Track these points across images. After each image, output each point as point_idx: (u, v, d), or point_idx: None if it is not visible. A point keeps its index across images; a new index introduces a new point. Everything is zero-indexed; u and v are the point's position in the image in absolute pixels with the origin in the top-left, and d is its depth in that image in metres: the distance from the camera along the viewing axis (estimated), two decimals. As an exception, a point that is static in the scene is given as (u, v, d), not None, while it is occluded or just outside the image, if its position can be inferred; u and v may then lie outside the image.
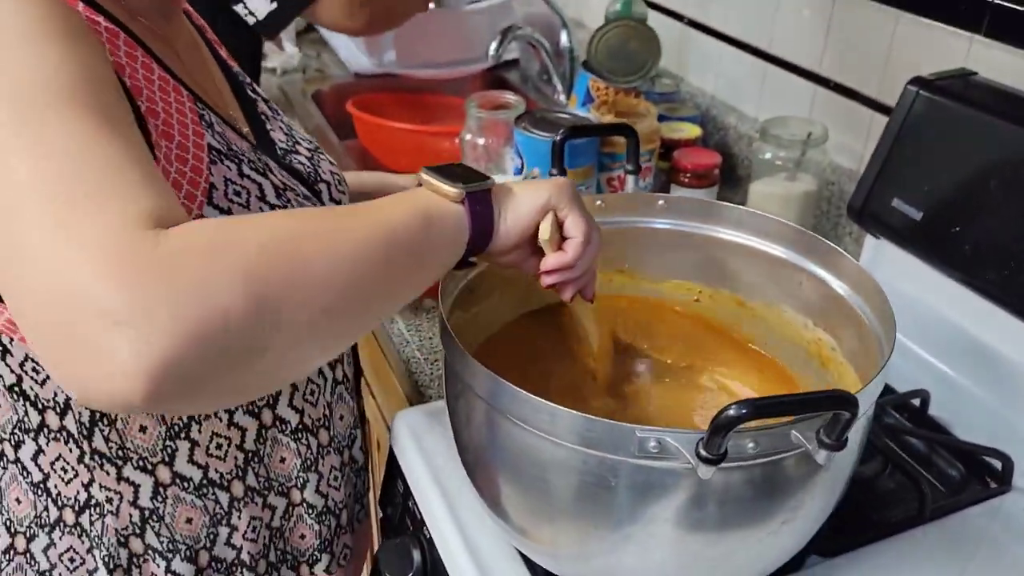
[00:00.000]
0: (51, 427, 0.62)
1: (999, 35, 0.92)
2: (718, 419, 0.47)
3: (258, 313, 0.41)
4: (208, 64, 0.72)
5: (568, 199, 0.61)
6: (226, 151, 0.61)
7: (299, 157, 0.74)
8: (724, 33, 1.35)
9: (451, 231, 0.56)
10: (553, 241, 0.61)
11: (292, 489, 0.72)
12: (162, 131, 0.56)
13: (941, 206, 0.87)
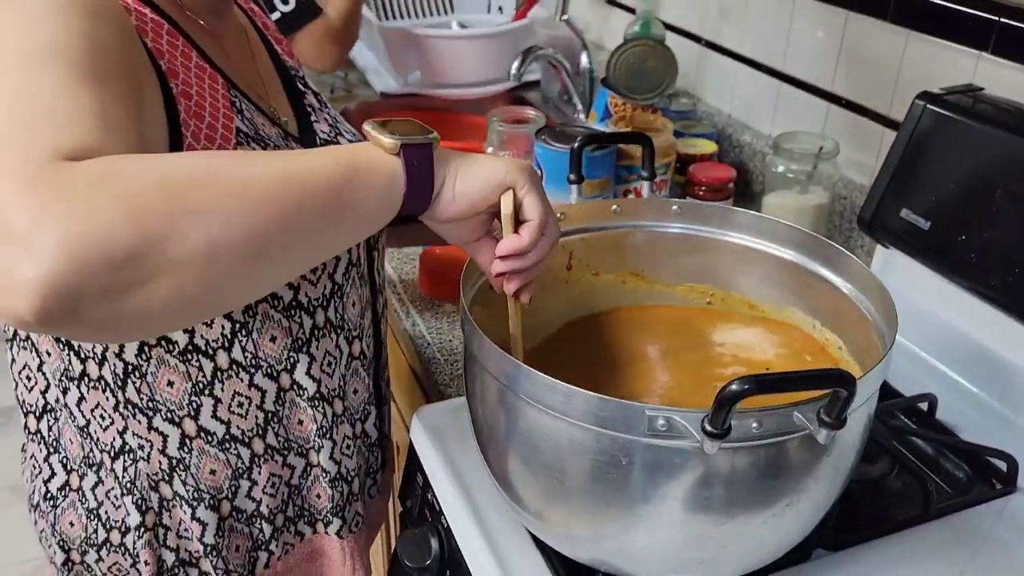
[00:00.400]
0: (91, 376, 0.67)
1: (1006, 52, 0.95)
2: (722, 394, 0.50)
3: (144, 243, 0.42)
4: (257, 56, 0.77)
5: (528, 179, 0.59)
6: (253, 135, 0.65)
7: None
8: (739, 54, 1.38)
9: (382, 184, 0.54)
10: (512, 222, 0.59)
11: (310, 451, 0.76)
12: (193, 111, 0.60)
13: (948, 216, 0.90)
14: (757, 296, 0.82)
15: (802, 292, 0.78)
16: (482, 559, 0.72)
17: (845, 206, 1.16)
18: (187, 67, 0.62)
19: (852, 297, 0.73)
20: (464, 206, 0.58)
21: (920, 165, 0.93)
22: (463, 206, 0.58)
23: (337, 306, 0.73)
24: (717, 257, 0.82)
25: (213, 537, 0.72)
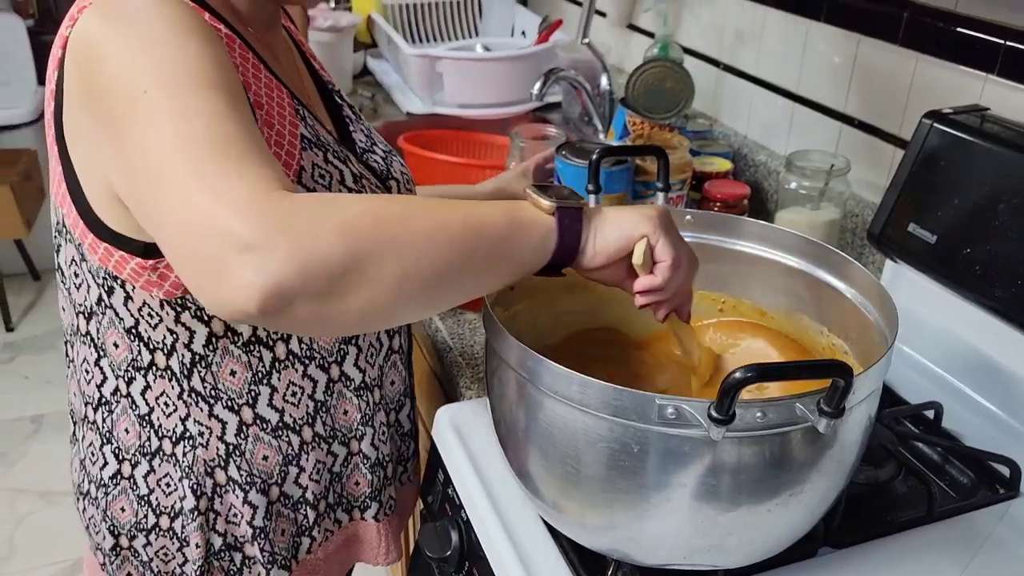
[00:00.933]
0: (159, 366, 0.72)
1: (1011, 74, 0.99)
2: (726, 381, 0.53)
3: (351, 262, 0.51)
4: (301, 71, 0.83)
5: (658, 226, 0.66)
6: (315, 140, 0.73)
7: (375, 156, 0.84)
8: (755, 76, 1.43)
9: (537, 238, 0.62)
10: (646, 265, 0.66)
11: (352, 440, 0.81)
12: (265, 120, 0.67)
13: (954, 230, 0.93)
14: (767, 303, 0.85)
15: (810, 299, 0.82)
16: (500, 549, 0.76)
17: (856, 223, 1.19)
18: (258, 79, 0.69)
19: (857, 302, 0.76)
20: (604, 259, 0.65)
21: (927, 181, 0.97)
22: (603, 259, 0.65)
23: None
24: (729, 266, 0.86)
25: (262, 520, 0.77)
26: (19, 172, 2.72)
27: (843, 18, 1.22)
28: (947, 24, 1.05)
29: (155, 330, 0.70)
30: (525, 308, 0.83)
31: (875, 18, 1.16)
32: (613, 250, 0.65)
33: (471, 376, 1.01)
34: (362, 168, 0.79)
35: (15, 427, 2.47)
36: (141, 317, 0.70)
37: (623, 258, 0.66)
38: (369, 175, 0.79)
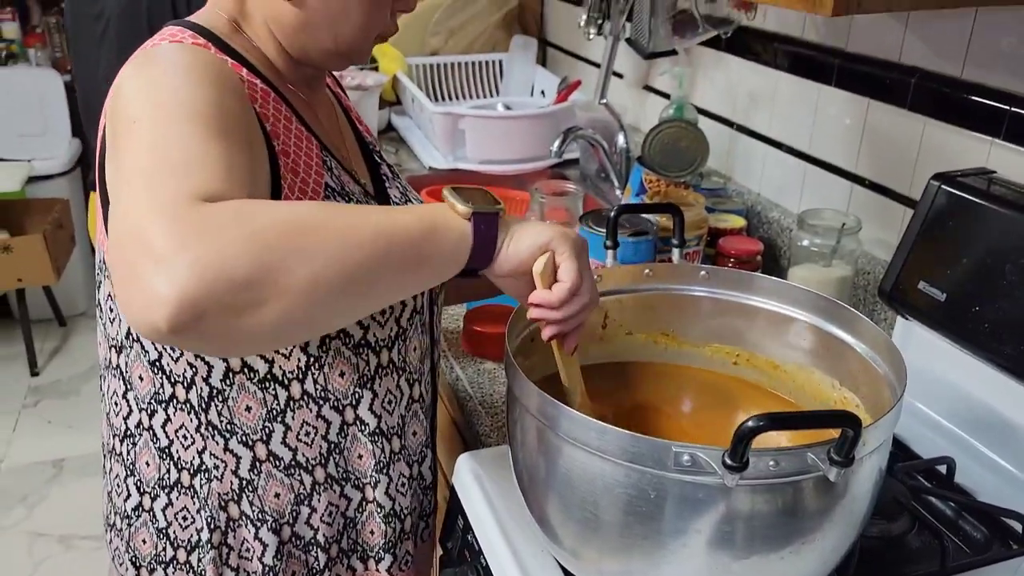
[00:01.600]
0: (179, 399, 0.75)
1: (1017, 139, 1.02)
2: (739, 429, 0.56)
3: (260, 272, 0.52)
4: (343, 129, 0.88)
5: (568, 247, 0.67)
6: (339, 190, 0.77)
7: None
8: (768, 136, 1.47)
9: (452, 242, 0.64)
10: (545, 279, 0.68)
11: (366, 486, 0.83)
12: (290, 167, 0.72)
13: (962, 288, 0.96)
14: (780, 357, 0.88)
15: (821, 353, 0.84)
16: (518, 595, 0.77)
17: (868, 280, 1.22)
18: (288, 130, 0.74)
19: (867, 357, 0.79)
20: (515, 263, 0.67)
21: (935, 240, 1.00)
22: (514, 263, 0.67)
23: (400, 348, 0.81)
24: (742, 320, 0.89)
25: (272, 559, 0.78)
26: (51, 221, 2.80)
27: (852, 83, 1.26)
28: (953, 90, 1.09)
29: (176, 363, 0.74)
30: (543, 359, 0.86)
31: (883, 83, 1.20)
32: (525, 255, 0.67)
33: (491, 424, 1.03)
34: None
35: (36, 471, 2.50)
36: (164, 350, 0.74)
37: (529, 268, 0.68)
38: None
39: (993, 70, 1.04)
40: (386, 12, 0.78)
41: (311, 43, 0.77)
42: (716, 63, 1.59)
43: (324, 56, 0.78)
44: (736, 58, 1.53)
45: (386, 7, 0.78)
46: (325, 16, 0.75)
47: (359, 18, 0.75)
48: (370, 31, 0.78)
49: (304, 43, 0.77)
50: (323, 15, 0.75)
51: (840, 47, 1.28)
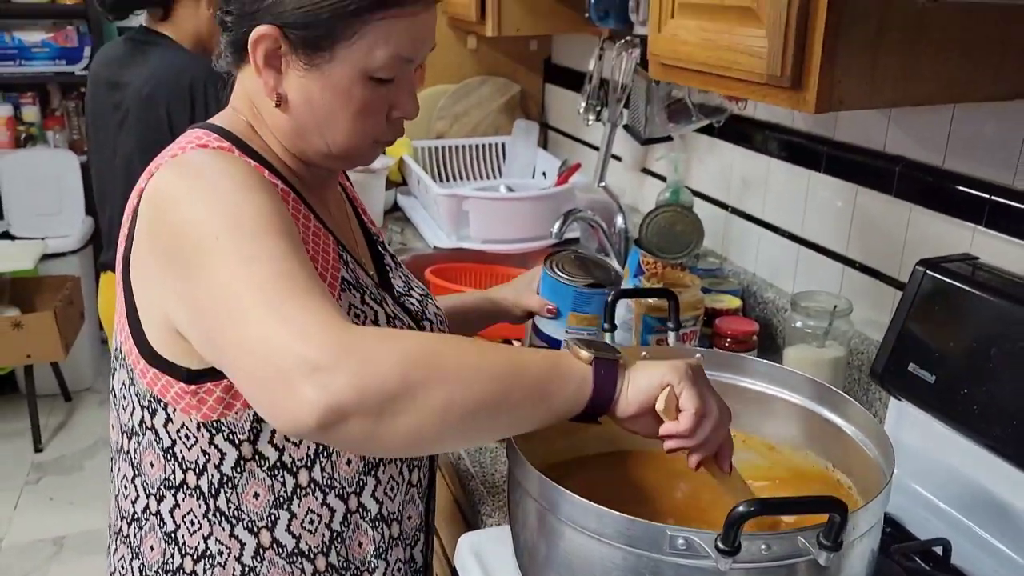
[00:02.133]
0: (189, 484, 0.77)
1: (998, 227, 1.06)
2: (731, 515, 0.58)
3: (404, 387, 0.59)
4: (350, 220, 0.93)
5: (684, 376, 0.70)
6: (354, 283, 0.81)
7: (411, 299, 0.92)
8: (762, 219, 1.52)
9: (574, 385, 0.68)
10: (670, 413, 0.70)
11: (364, 572, 0.84)
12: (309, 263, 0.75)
13: (951, 371, 0.98)
14: (776, 439, 0.90)
15: (815, 436, 0.86)
16: None
17: (862, 360, 1.25)
18: (307, 227, 0.79)
19: (858, 440, 0.81)
20: (637, 406, 0.70)
21: (923, 324, 1.03)
22: (636, 407, 0.70)
23: None
24: (738, 402, 0.91)
25: None
26: (62, 298, 2.85)
27: (841, 170, 1.32)
28: (936, 178, 1.14)
29: (190, 451, 0.76)
30: (544, 442, 0.88)
31: (870, 171, 1.25)
32: (643, 398, 0.70)
33: (492, 504, 1.05)
34: (397, 309, 0.87)
35: (37, 548, 2.48)
36: (179, 438, 0.77)
37: (653, 408, 0.70)
38: (403, 316, 0.88)
39: (973, 160, 1.09)
40: (379, 118, 0.80)
41: (307, 147, 0.80)
42: (710, 149, 1.66)
43: (323, 159, 0.82)
44: (729, 144, 1.59)
45: (378, 113, 0.79)
46: (313, 121, 0.78)
47: (347, 123, 0.78)
48: (363, 136, 0.80)
49: (302, 147, 0.81)
50: (311, 121, 0.78)
51: (828, 136, 1.34)
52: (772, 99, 0.96)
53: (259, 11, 0.76)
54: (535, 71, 2.48)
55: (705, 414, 0.71)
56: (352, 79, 0.76)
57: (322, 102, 0.77)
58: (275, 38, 0.75)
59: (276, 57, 0.76)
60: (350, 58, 0.75)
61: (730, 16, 0.99)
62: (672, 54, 1.11)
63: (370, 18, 0.74)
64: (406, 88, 0.80)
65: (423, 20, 0.77)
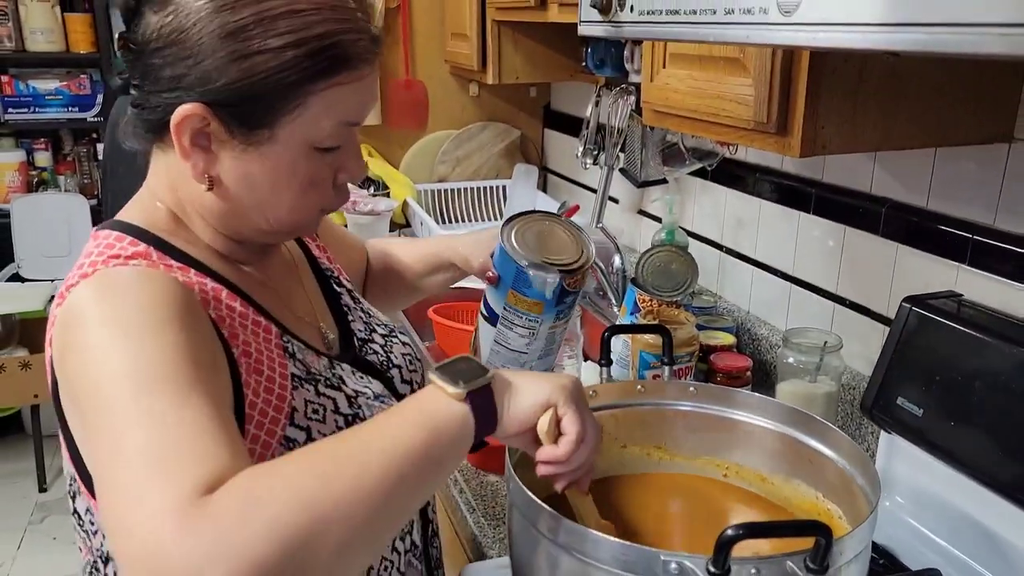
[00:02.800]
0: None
1: (980, 265, 1.10)
2: (720, 538, 0.61)
3: (289, 556, 0.51)
4: (303, 277, 0.87)
5: (567, 398, 0.68)
6: (305, 375, 0.75)
7: (374, 346, 0.88)
8: (754, 258, 1.57)
9: (457, 432, 0.63)
10: (550, 434, 0.68)
11: None
12: (253, 368, 0.70)
13: (938, 405, 1.01)
14: (767, 469, 0.93)
15: (804, 466, 0.89)
16: None
17: (854, 395, 1.28)
18: (244, 325, 0.72)
19: (845, 470, 0.84)
20: (518, 426, 0.68)
21: (910, 360, 1.06)
22: (517, 426, 0.68)
23: None
24: (730, 434, 0.94)
25: None
26: (69, 337, 2.89)
27: (829, 210, 1.36)
28: (921, 219, 1.19)
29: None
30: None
31: (857, 212, 1.30)
32: (524, 417, 0.67)
33: (493, 536, 1.07)
34: (358, 381, 0.80)
35: (37, 589, 2.48)
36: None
37: (532, 426, 0.68)
38: (366, 384, 0.81)
39: (955, 201, 1.14)
40: (326, 187, 0.74)
41: (245, 226, 0.74)
42: (703, 191, 1.71)
43: (263, 236, 0.76)
44: (722, 187, 1.65)
45: (325, 182, 0.74)
46: (252, 201, 0.72)
47: (292, 199, 0.72)
48: (310, 210, 0.75)
49: (236, 227, 0.75)
50: (250, 201, 0.72)
51: (816, 178, 1.39)
52: (759, 144, 1.01)
53: (181, 87, 0.67)
54: (535, 117, 2.55)
55: (584, 440, 0.69)
56: (297, 154, 0.70)
57: (263, 181, 0.70)
58: (203, 117, 0.67)
59: (204, 136, 0.69)
60: (294, 132, 0.69)
61: (718, 66, 1.04)
62: (664, 102, 1.16)
63: (314, 88, 0.68)
64: (352, 151, 0.75)
65: (366, 84, 0.71)
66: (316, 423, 0.74)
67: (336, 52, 0.68)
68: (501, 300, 0.94)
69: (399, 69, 2.39)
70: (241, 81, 0.67)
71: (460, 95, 2.47)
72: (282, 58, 0.67)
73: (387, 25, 2.33)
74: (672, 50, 1.14)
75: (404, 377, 0.89)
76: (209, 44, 0.66)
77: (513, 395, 0.68)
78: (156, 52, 0.68)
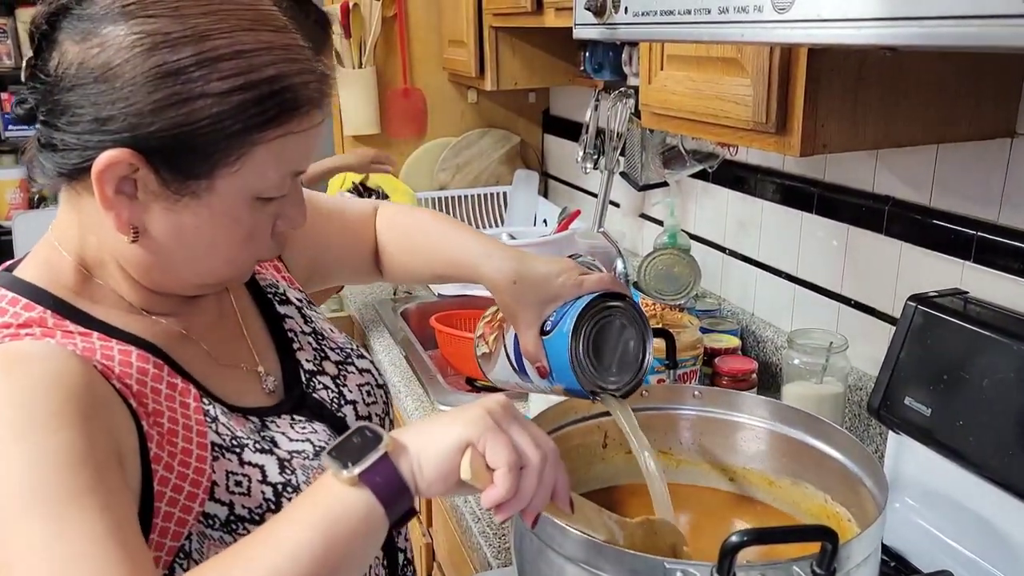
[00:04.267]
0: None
1: (985, 262, 1.09)
2: (725, 544, 0.60)
3: None
4: (239, 310, 0.79)
5: (483, 428, 0.58)
6: (228, 444, 0.67)
7: (324, 379, 0.80)
8: (758, 260, 1.55)
9: (360, 521, 0.55)
10: (479, 476, 0.58)
11: None
12: (166, 440, 0.63)
13: (945, 404, 1.00)
14: (774, 473, 0.92)
15: (811, 468, 0.88)
16: None
17: (861, 396, 1.27)
18: (158, 391, 0.65)
19: (852, 471, 0.83)
20: (441, 486, 0.58)
21: (917, 359, 1.05)
22: (440, 486, 0.58)
23: None
24: (735, 437, 0.93)
25: None
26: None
27: (832, 210, 1.35)
28: (924, 216, 1.18)
29: None
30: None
31: (860, 211, 1.29)
32: (442, 472, 0.57)
33: (499, 546, 1.06)
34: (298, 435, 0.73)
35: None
36: None
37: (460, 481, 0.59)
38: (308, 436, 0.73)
39: (958, 198, 1.13)
40: (264, 239, 0.68)
41: (169, 279, 0.68)
42: (705, 193, 1.70)
43: (188, 288, 0.70)
44: (724, 188, 1.64)
45: (265, 233, 0.68)
46: (183, 255, 0.65)
47: (230, 252, 0.67)
48: (247, 262, 0.70)
49: (160, 280, 0.68)
50: (180, 255, 0.65)
51: (818, 178, 1.38)
52: (759, 144, 1.00)
53: (106, 131, 0.60)
54: (534, 122, 2.55)
55: (523, 464, 0.59)
56: (237, 205, 0.64)
57: (198, 234, 0.64)
58: (131, 164, 0.60)
59: (130, 184, 0.62)
60: (234, 183, 0.63)
61: (716, 67, 1.03)
62: (662, 104, 1.15)
63: (261, 138, 0.62)
64: (295, 199, 0.69)
65: (315, 132, 0.66)
66: (239, 496, 0.66)
67: (287, 97, 0.62)
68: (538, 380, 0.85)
69: (397, 78, 2.39)
70: (179, 128, 0.60)
71: (459, 102, 2.47)
72: (227, 104, 0.60)
73: (384, 34, 2.33)
74: (670, 52, 1.13)
75: (359, 412, 0.81)
76: (143, 85, 0.59)
77: (421, 452, 0.58)
78: (75, 88, 0.60)
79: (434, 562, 1.47)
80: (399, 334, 1.81)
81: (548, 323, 0.81)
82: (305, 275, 0.92)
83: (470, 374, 1.68)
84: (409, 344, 1.74)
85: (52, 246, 0.68)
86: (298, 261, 0.91)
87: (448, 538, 1.24)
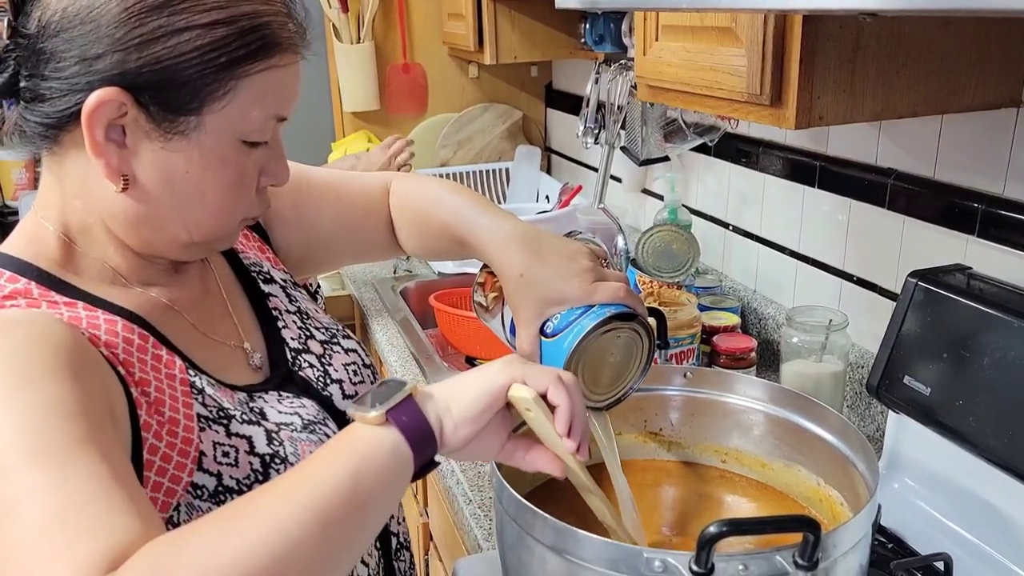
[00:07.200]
0: None
1: (990, 236, 1.06)
2: (702, 536, 0.58)
3: None
4: (223, 287, 0.78)
5: (519, 365, 0.62)
6: (215, 416, 0.67)
7: (309, 357, 0.79)
8: (759, 235, 1.52)
9: (387, 459, 0.56)
10: (538, 404, 0.61)
11: None
12: (154, 409, 0.63)
13: (946, 383, 0.97)
14: (766, 455, 0.90)
15: (804, 451, 0.86)
16: None
17: (862, 374, 1.24)
18: (144, 361, 0.64)
19: (845, 454, 0.80)
20: (469, 428, 0.60)
21: (917, 336, 1.02)
22: (468, 428, 0.60)
23: None
24: (727, 419, 0.91)
25: None
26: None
27: (834, 184, 1.31)
28: (927, 190, 1.14)
29: None
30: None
31: (863, 184, 1.25)
32: (477, 413, 0.59)
33: (488, 528, 1.05)
34: (286, 409, 0.73)
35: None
36: None
37: (495, 426, 0.61)
38: (297, 410, 0.73)
39: (963, 170, 1.09)
40: (250, 191, 0.69)
41: (157, 237, 0.68)
42: (706, 167, 1.67)
43: (176, 248, 0.69)
44: (725, 162, 1.60)
45: (251, 184, 0.68)
46: (173, 204, 0.65)
47: (218, 200, 0.66)
48: (233, 214, 0.69)
49: (149, 237, 0.68)
50: (170, 203, 0.65)
51: (820, 151, 1.34)
52: (754, 116, 0.97)
53: (92, 71, 0.60)
54: (536, 97, 2.51)
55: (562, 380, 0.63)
56: (226, 146, 0.65)
57: (188, 178, 0.64)
58: (121, 104, 0.60)
59: (118, 130, 0.62)
60: (223, 120, 0.64)
61: (710, 36, 1.00)
62: (657, 76, 1.12)
63: (246, 71, 0.63)
64: (277, 152, 0.70)
65: (294, 72, 0.68)
66: (227, 467, 0.66)
67: (266, 32, 0.64)
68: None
69: (397, 53, 2.35)
70: (165, 61, 0.60)
71: (460, 77, 2.43)
72: (210, 36, 0.61)
73: (383, 7, 2.29)
74: (664, 22, 1.10)
75: (346, 392, 0.80)
76: (127, 20, 0.60)
77: (453, 396, 0.60)
78: (60, 33, 0.60)
79: (431, 542, 1.47)
80: (398, 313, 1.79)
81: (550, 326, 0.77)
82: (300, 254, 0.91)
83: (469, 353, 1.66)
84: (408, 324, 1.73)
85: (36, 220, 0.69)
86: (287, 239, 0.89)
87: (442, 519, 1.23)
